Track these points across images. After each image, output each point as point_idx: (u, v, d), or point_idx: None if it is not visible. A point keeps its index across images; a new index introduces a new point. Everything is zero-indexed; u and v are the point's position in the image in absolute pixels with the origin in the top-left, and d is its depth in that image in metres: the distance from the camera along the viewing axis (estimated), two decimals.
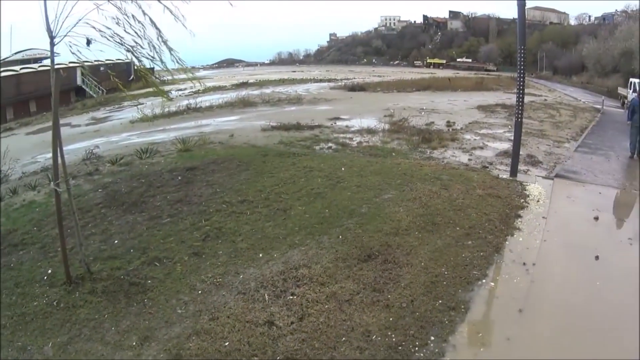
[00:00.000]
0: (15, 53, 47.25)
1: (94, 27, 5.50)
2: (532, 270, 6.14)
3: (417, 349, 4.58)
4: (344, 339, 4.69)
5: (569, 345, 4.74)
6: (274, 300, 5.39)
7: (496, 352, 4.63)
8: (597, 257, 6.63)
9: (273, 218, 7.68)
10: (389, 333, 4.77)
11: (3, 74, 40.62)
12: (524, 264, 6.27)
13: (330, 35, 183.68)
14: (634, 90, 31.86)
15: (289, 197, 8.60)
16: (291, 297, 5.41)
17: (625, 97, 35.55)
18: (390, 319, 4.99)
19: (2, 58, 44.01)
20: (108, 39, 5.69)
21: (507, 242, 6.88)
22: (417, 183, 9.07)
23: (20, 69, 43.88)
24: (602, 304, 5.46)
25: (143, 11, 5.72)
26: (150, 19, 5.79)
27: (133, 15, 5.69)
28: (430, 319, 4.99)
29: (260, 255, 6.50)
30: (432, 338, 4.71)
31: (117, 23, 5.67)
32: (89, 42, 5.65)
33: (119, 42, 5.76)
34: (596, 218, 8.34)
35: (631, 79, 35.65)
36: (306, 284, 5.65)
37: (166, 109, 17.64)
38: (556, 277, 6.08)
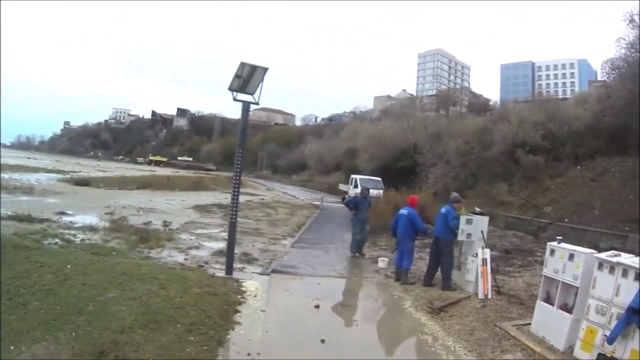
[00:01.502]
0: None
1: None
2: (259, 358, 7.47)
3: None
4: None
5: None
6: None
7: None
8: (322, 341, 8.30)
9: (16, 312, 7.96)
10: None
11: None
12: (249, 354, 7.52)
13: (65, 123, 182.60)
14: (355, 186, 37.74)
15: (27, 291, 8.86)
16: None
17: (346, 192, 41.70)
18: None
19: None
20: None
21: (229, 336, 8.08)
22: (136, 282, 9.91)
23: None
24: None
25: None
26: None
27: None
28: None
29: (12, 347, 6.87)
30: None
31: None
32: None
33: None
34: (317, 306, 10.40)
35: (352, 176, 41.93)
36: None
37: None
38: None
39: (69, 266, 10.53)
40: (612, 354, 7.17)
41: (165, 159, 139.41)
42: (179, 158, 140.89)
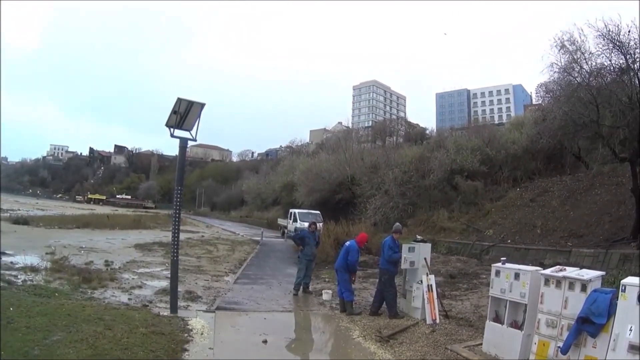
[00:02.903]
0: None
1: None
2: None
3: None
4: None
5: None
6: None
7: None
8: None
9: None
10: None
11: None
12: None
13: (2, 159, 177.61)
14: (294, 220, 37.78)
15: None
16: None
17: (286, 227, 41.83)
18: None
19: None
20: None
21: None
22: (81, 324, 9.57)
23: None
24: None
25: None
26: None
27: None
28: None
29: None
30: None
31: None
32: None
33: None
34: (265, 341, 10.25)
35: (291, 210, 41.94)
36: None
37: None
38: None
39: (11, 309, 10.14)
40: None
41: (104, 197, 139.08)
42: (118, 196, 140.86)
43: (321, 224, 29.26)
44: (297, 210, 40.58)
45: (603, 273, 8.08)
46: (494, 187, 34.52)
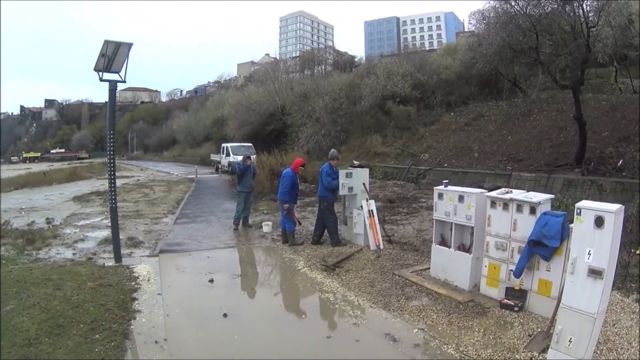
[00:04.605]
0: None
1: None
2: (167, 345, 7.10)
3: None
4: None
5: None
6: None
7: None
8: (225, 315, 8.09)
9: None
10: None
11: None
12: (156, 342, 7.17)
13: None
14: (227, 154, 37.52)
15: None
16: None
17: (219, 162, 41.94)
18: None
19: None
20: None
21: (132, 327, 7.69)
22: (31, 288, 9.19)
23: None
24: (245, 355, 6.82)
25: None
26: None
27: None
28: None
29: None
30: None
31: None
32: None
33: None
34: (211, 281, 10.09)
35: (223, 144, 41.59)
36: None
37: None
38: (191, 344, 7.26)
39: None
40: (520, 286, 7.39)
41: (39, 154, 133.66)
42: (52, 151, 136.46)
43: (254, 156, 29.05)
44: (229, 144, 40.35)
45: (552, 196, 7.99)
46: (427, 112, 35.11)
